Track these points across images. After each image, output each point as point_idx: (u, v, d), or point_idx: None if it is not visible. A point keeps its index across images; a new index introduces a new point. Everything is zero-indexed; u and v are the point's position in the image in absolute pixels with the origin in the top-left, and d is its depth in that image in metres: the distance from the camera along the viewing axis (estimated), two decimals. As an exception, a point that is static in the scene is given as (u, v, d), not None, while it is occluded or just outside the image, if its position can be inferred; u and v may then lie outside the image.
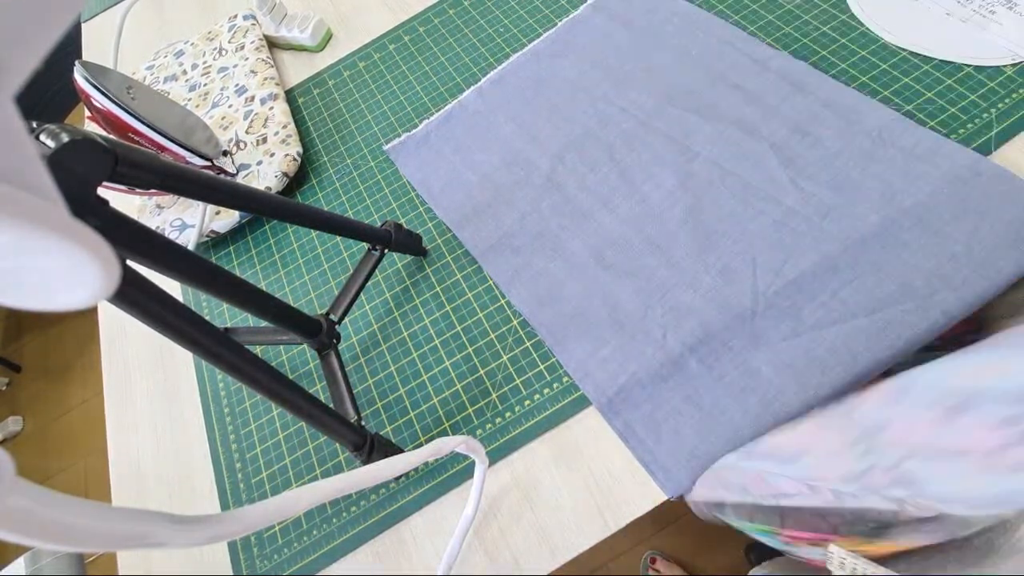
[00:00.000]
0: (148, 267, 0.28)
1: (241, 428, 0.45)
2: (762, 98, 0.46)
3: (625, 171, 0.47)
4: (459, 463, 0.40)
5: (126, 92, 0.48)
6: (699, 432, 0.36)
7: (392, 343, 0.45)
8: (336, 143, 0.58)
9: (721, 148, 0.45)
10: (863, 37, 0.48)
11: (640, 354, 0.39)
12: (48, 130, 0.22)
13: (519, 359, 0.42)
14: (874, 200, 0.40)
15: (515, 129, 0.52)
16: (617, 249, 0.44)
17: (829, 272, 0.38)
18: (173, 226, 0.54)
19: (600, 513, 0.36)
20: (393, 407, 0.43)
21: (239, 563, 0.40)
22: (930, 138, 0.41)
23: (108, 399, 0.51)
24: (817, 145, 0.43)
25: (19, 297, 0.11)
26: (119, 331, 0.54)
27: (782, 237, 0.40)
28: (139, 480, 0.46)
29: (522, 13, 0.60)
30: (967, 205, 0.38)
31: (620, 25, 0.55)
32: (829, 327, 0.37)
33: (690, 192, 0.44)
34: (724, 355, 0.38)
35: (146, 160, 0.27)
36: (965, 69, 0.44)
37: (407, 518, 0.39)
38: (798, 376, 0.36)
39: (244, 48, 0.66)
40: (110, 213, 0.25)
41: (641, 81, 0.51)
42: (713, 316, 0.39)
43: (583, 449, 0.38)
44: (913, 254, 0.37)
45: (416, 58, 0.61)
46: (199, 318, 0.29)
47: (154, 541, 0.15)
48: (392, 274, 0.49)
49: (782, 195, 0.42)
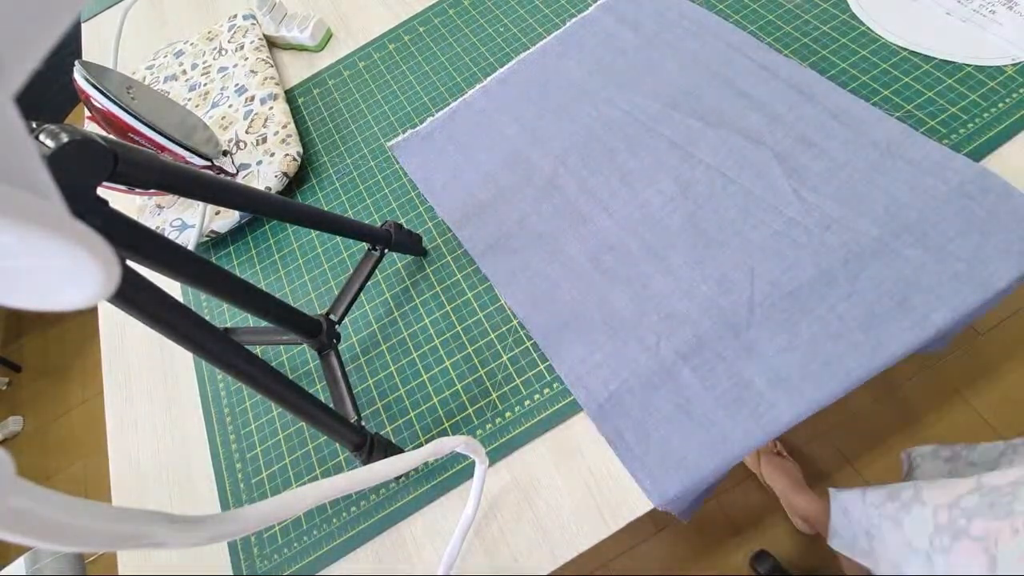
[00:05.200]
0: (148, 267, 0.28)
1: (241, 428, 0.45)
2: (769, 106, 0.46)
3: (627, 176, 0.47)
4: (459, 463, 0.40)
5: (126, 92, 0.48)
6: (689, 442, 0.36)
7: (392, 343, 0.45)
8: (336, 143, 0.58)
9: (724, 156, 0.45)
10: (863, 37, 0.48)
11: (633, 361, 0.39)
12: (48, 130, 0.22)
13: (519, 359, 0.42)
14: (878, 214, 0.39)
15: (519, 129, 0.52)
16: (615, 254, 0.44)
17: (828, 286, 0.38)
18: (173, 226, 0.54)
19: (600, 513, 0.36)
20: (393, 407, 0.43)
21: (239, 563, 0.40)
22: (939, 152, 0.40)
23: (108, 399, 0.51)
24: (823, 156, 0.43)
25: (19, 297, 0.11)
26: (119, 331, 0.54)
27: (782, 248, 0.40)
28: (139, 480, 0.46)
29: (522, 13, 0.60)
30: (972, 223, 0.37)
31: (628, 27, 0.55)
32: (825, 342, 0.36)
33: (691, 199, 0.44)
34: (717, 365, 0.38)
35: (146, 160, 0.27)
36: (965, 69, 0.44)
37: (407, 518, 0.39)
38: (791, 390, 0.36)
39: (244, 48, 0.66)
40: (110, 213, 0.25)
41: (647, 85, 0.51)
42: (708, 325, 0.39)
43: (583, 449, 0.38)
44: (915, 271, 0.37)
45: (416, 58, 0.61)
46: (199, 318, 0.29)
47: (154, 541, 0.15)
48: (392, 274, 0.48)
49: (784, 205, 0.42)
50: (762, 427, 0.35)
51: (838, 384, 0.35)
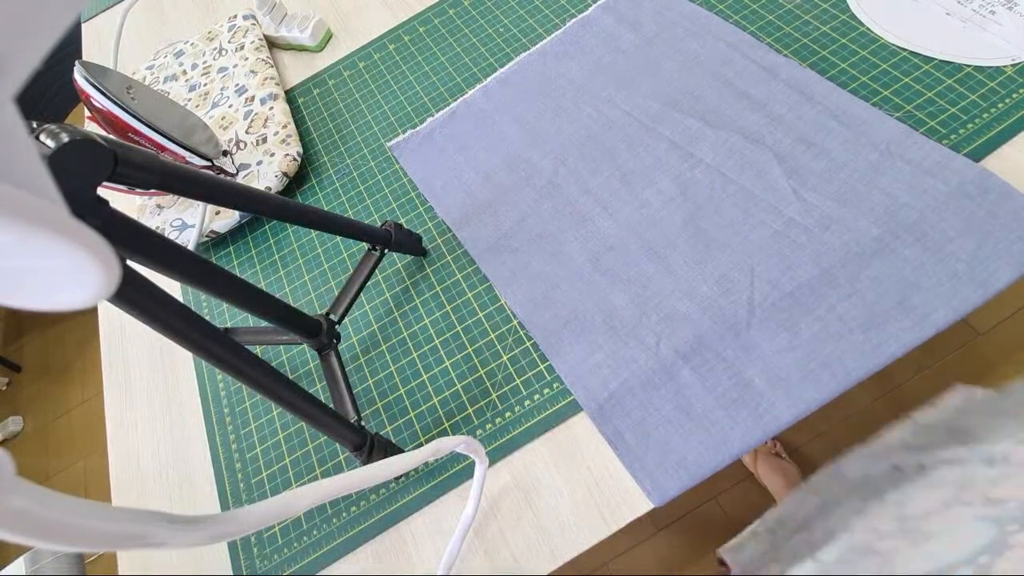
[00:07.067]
0: (148, 267, 0.28)
1: (241, 428, 0.45)
2: (769, 106, 0.46)
3: (627, 176, 0.47)
4: (459, 463, 0.40)
5: (126, 92, 0.48)
6: (689, 442, 0.36)
7: (392, 343, 0.45)
8: (336, 143, 0.58)
9: (724, 156, 0.45)
10: (863, 37, 0.48)
11: (633, 361, 0.39)
12: (48, 130, 0.22)
13: (519, 359, 0.42)
14: (878, 214, 0.39)
15: (519, 129, 0.52)
16: (615, 254, 0.44)
17: (827, 286, 0.38)
18: (173, 226, 0.54)
19: (600, 513, 0.36)
20: (393, 407, 0.43)
21: (239, 563, 0.40)
22: (939, 152, 0.40)
23: (108, 399, 0.51)
24: (822, 156, 0.43)
25: (19, 297, 0.11)
26: (119, 331, 0.54)
27: (782, 248, 0.40)
28: (139, 480, 0.46)
29: (522, 13, 0.60)
30: (972, 223, 0.37)
31: (628, 27, 0.55)
32: (824, 342, 0.36)
33: (691, 199, 0.44)
34: (717, 365, 0.38)
35: (146, 160, 0.27)
36: (965, 69, 0.44)
37: (407, 518, 0.39)
38: (791, 390, 0.36)
39: (244, 48, 0.66)
40: (110, 213, 0.25)
41: (647, 85, 0.51)
42: (708, 325, 0.39)
43: (583, 449, 0.38)
44: (914, 271, 0.37)
45: (416, 58, 0.61)
46: (199, 318, 0.29)
47: (154, 541, 0.15)
48: (392, 274, 0.49)
49: (784, 205, 0.42)
50: (762, 427, 0.35)
51: (838, 384, 0.35)
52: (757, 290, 0.39)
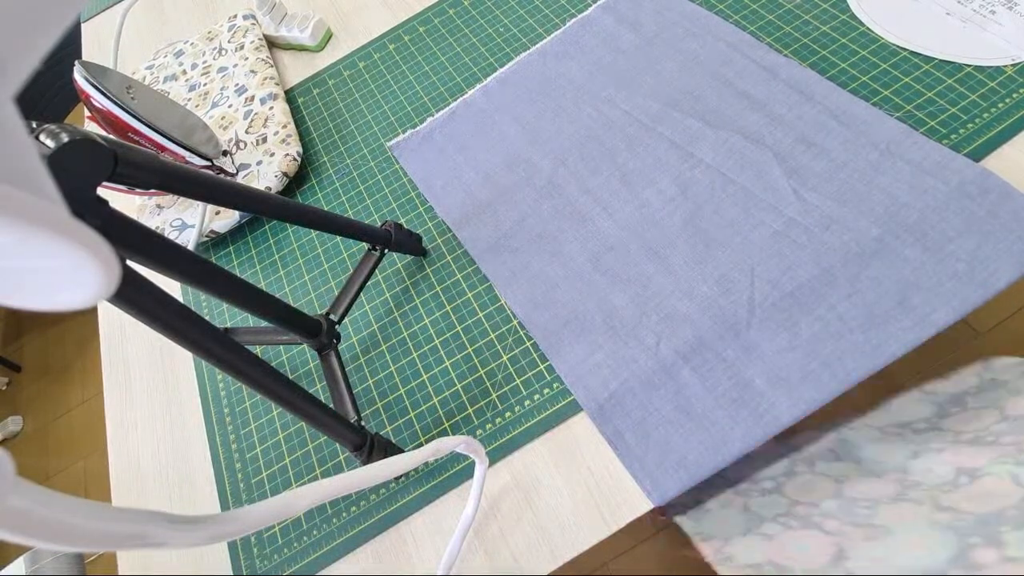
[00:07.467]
0: (148, 267, 0.28)
1: (241, 428, 0.45)
2: (769, 106, 0.46)
3: (627, 176, 0.47)
4: (459, 463, 0.40)
5: (126, 92, 0.48)
6: (689, 442, 0.36)
7: (392, 343, 0.45)
8: (336, 143, 0.58)
9: (724, 156, 0.45)
10: (863, 37, 0.48)
11: (633, 361, 0.39)
12: (48, 130, 0.22)
13: (519, 359, 0.42)
14: (878, 214, 0.39)
15: (519, 129, 0.52)
16: (615, 254, 0.44)
17: (828, 286, 0.38)
18: (173, 226, 0.54)
19: (600, 513, 0.36)
20: (393, 407, 0.43)
21: (239, 563, 0.40)
22: (939, 152, 0.40)
23: (108, 399, 0.51)
24: (822, 156, 0.43)
25: (19, 297, 0.11)
26: (119, 331, 0.54)
27: (782, 248, 0.40)
28: (139, 480, 0.46)
29: (522, 13, 0.60)
30: (972, 223, 0.37)
31: (628, 27, 0.55)
32: (825, 342, 0.36)
33: (691, 199, 0.44)
34: (717, 365, 0.38)
35: (146, 160, 0.27)
36: (965, 69, 0.44)
37: (407, 518, 0.39)
38: (791, 390, 0.36)
39: (244, 48, 0.66)
40: (110, 213, 0.25)
41: (647, 85, 0.51)
42: (708, 325, 0.39)
43: (583, 449, 0.38)
44: (915, 271, 0.37)
45: (416, 58, 0.61)
46: (199, 318, 0.29)
47: (153, 541, 0.15)
48: (392, 274, 0.49)
49: (784, 205, 0.42)
50: (762, 427, 0.35)
51: (838, 384, 0.35)
52: (757, 290, 0.39)
